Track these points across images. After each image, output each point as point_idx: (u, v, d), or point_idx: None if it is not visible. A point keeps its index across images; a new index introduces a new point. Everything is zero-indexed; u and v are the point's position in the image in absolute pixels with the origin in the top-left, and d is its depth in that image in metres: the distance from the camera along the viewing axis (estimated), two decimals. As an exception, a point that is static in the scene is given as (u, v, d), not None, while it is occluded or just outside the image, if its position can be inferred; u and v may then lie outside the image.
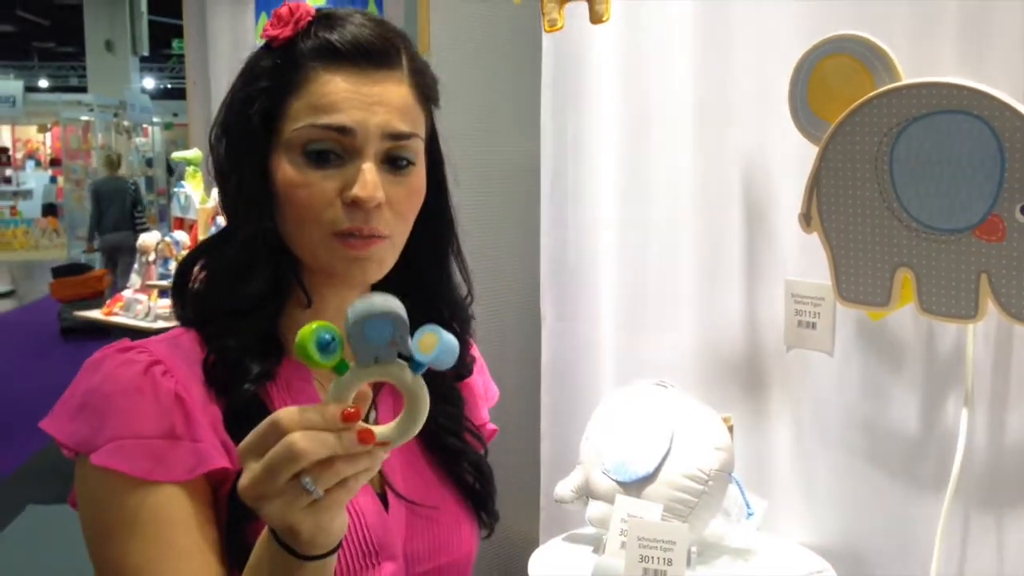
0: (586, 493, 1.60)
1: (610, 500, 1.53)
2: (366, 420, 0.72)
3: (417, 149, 0.93)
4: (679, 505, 1.50)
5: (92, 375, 0.88)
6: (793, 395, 1.69)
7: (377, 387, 0.96)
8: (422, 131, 0.95)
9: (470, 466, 1.04)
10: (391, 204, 0.91)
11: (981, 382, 1.42)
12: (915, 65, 1.37)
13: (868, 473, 1.57)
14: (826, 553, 1.60)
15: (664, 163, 1.83)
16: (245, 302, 0.93)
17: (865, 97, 1.36)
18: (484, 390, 1.15)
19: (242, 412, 0.89)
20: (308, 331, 0.66)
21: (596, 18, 1.54)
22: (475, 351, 1.12)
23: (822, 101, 1.43)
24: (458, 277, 1.05)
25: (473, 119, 2.10)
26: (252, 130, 0.92)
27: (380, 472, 0.96)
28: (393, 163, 0.92)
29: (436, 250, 1.02)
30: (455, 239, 1.03)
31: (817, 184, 1.44)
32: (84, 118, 14.06)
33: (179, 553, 0.85)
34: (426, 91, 0.96)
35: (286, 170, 0.91)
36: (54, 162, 16.95)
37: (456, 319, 1.04)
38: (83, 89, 17.35)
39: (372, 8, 4.45)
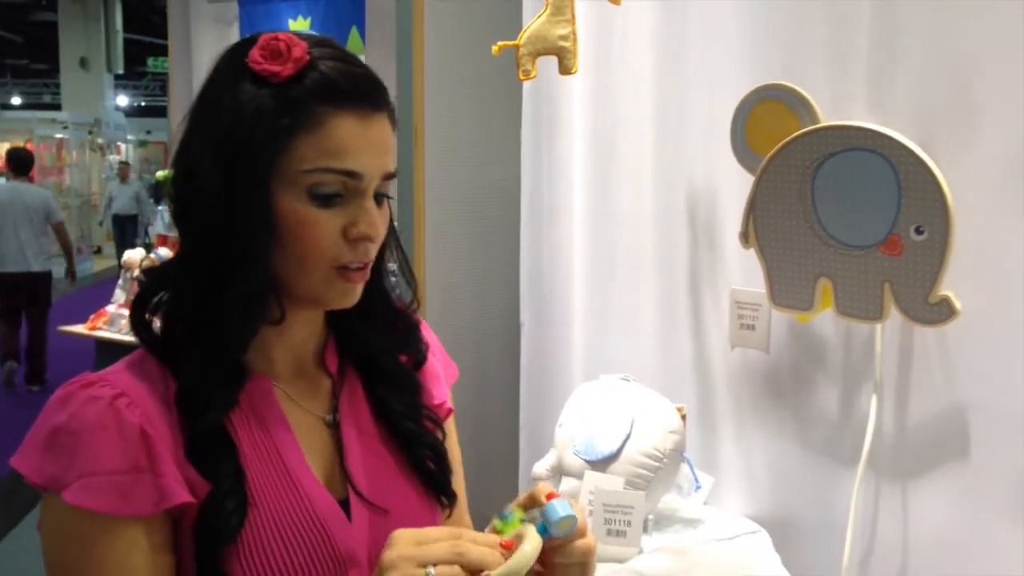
0: (559, 471, 1.74)
1: (580, 476, 1.67)
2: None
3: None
4: (638, 479, 1.64)
5: (58, 412, 0.85)
6: (736, 387, 1.81)
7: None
8: None
9: (428, 449, 1.03)
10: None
11: (888, 373, 1.53)
12: (832, 110, 1.50)
13: (797, 452, 1.69)
14: (763, 521, 1.73)
15: (627, 190, 1.95)
16: (235, 343, 0.90)
17: (791, 136, 1.50)
18: (442, 370, 1.13)
19: (206, 441, 0.88)
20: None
21: (565, 71, 1.65)
22: (429, 336, 1.11)
23: (757, 139, 1.57)
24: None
25: (463, 150, 2.19)
26: (261, 167, 0.87)
27: (345, 473, 0.96)
28: (378, 198, 0.92)
29: (380, 267, 1.00)
30: (397, 249, 1.02)
31: (753, 208, 1.57)
32: (58, 135, 13.72)
33: None
34: (396, 125, 0.95)
35: (291, 208, 0.88)
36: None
37: (402, 323, 1.05)
38: (57, 106, 16.87)
39: (356, 40, 4.58)
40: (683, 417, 1.75)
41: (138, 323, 0.92)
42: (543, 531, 0.84)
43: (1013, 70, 1.35)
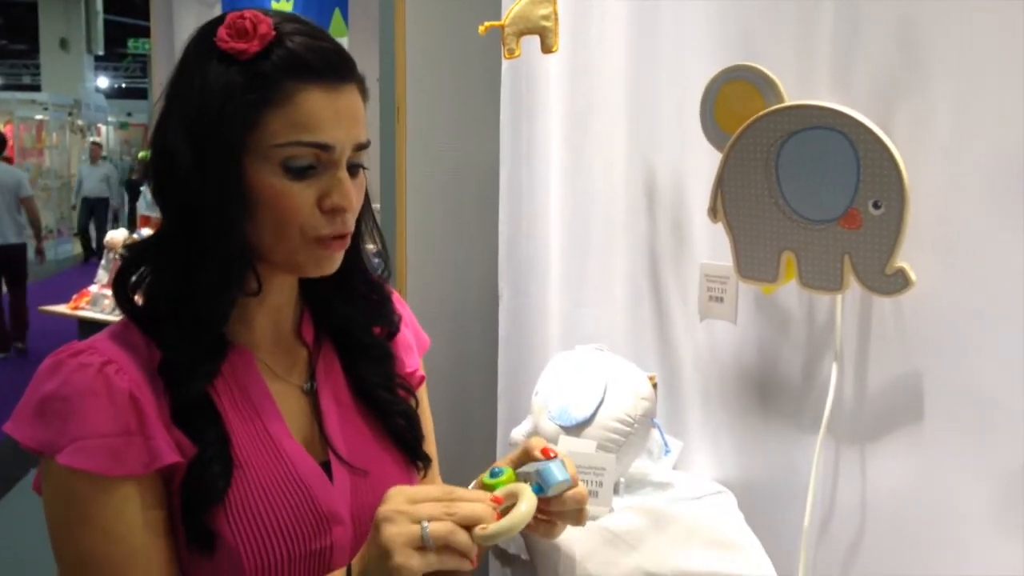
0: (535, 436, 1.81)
1: (554, 441, 1.69)
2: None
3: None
4: (610, 444, 1.68)
5: (49, 380, 0.88)
6: (704, 356, 1.83)
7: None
8: None
9: (401, 417, 1.07)
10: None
11: (848, 343, 1.54)
12: (796, 89, 1.51)
13: (761, 418, 1.72)
14: (729, 485, 1.77)
15: (601, 167, 1.98)
16: (216, 316, 0.92)
17: (757, 115, 1.51)
18: (414, 340, 1.16)
19: (192, 408, 0.91)
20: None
21: (547, 49, 1.67)
22: (402, 308, 1.14)
23: (725, 118, 1.58)
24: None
25: (444, 128, 2.22)
26: (232, 144, 0.88)
27: (325, 438, 1.00)
28: (353, 168, 0.94)
29: (358, 241, 1.03)
30: (372, 224, 1.05)
31: (721, 184, 1.58)
32: (38, 117, 13.51)
33: (133, 549, 0.88)
34: (366, 95, 0.97)
35: (267, 182, 0.89)
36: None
37: (376, 295, 1.09)
38: (36, 87, 16.61)
39: (339, 23, 4.58)
40: (654, 385, 1.79)
41: (121, 297, 0.95)
42: (539, 491, 0.88)
43: (969, 56, 1.39)
